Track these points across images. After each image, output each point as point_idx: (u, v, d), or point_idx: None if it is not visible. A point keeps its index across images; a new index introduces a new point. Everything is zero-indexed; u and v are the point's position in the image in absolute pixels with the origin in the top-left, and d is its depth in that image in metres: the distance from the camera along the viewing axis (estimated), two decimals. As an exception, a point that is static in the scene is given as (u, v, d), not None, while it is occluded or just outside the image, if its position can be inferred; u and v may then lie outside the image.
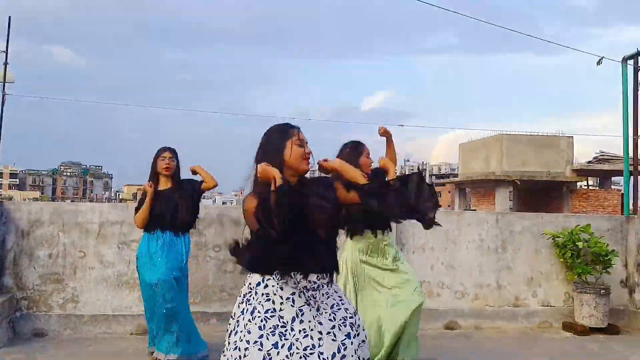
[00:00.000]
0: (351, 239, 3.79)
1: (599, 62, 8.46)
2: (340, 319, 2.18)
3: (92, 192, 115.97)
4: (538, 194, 25.24)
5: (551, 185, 23.84)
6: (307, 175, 2.32)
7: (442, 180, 40.54)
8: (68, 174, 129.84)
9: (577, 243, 5.67)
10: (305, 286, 2.16)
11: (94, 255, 5.04)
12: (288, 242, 2.07)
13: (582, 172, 23.66)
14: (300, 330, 2.08)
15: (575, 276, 5.70)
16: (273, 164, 2.14)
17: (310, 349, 2.05)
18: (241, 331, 2.11)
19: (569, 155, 23.56)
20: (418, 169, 45.62)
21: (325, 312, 2.17)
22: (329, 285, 2.24)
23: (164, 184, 4.15)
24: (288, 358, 2.03)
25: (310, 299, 2.15)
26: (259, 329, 2.08)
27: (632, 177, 8.15)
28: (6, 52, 8.60)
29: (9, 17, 9.28)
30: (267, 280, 2.17)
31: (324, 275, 2.21)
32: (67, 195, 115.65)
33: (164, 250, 3.98)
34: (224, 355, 2.15)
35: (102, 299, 5.02)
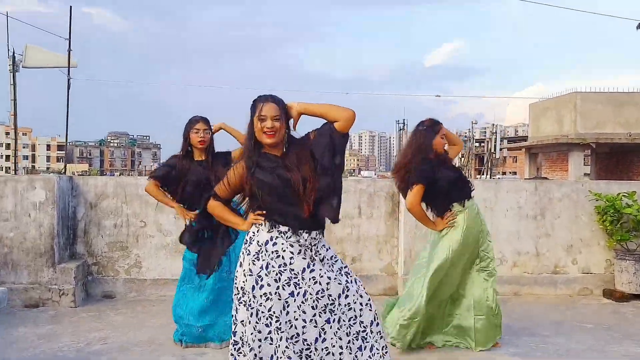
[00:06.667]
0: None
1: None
2: (338, 269, 2.88)
3: (140, 164, 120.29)
4: (617, 158, 24.88)
5: (632, 147, 23.43)
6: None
7: (515, 145, 39.78)
8: (115, 144, 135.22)
9: (618, 209, 6.20)
10: (310, 242, 2.78)
11: (153, 225, 6.05)
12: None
13: (668, 132, 23.09)
14: (310, 279, 2.75)
15: (615, 242, 6.25)
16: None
17: (321, 293, 2.76)
18: (263, 285, 2.69)
19: (653, 114, 23.02)
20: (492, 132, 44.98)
21: (328, 263, 2.85)
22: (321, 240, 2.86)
23: (198, 157, 4.33)
24: (303, 303, 2.72)
25: (315, 254, 2.80)
26: (275, 282, 2.70)
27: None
28: (69, 40, 9.72)
29: (70, 7, 10.35)
30: (275, 238, 2.72)
31: (320, 231, 2.82)
32: (115, 167, 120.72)
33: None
34: (250, 307, 2.71)
35: (162, 265, 6.04)
